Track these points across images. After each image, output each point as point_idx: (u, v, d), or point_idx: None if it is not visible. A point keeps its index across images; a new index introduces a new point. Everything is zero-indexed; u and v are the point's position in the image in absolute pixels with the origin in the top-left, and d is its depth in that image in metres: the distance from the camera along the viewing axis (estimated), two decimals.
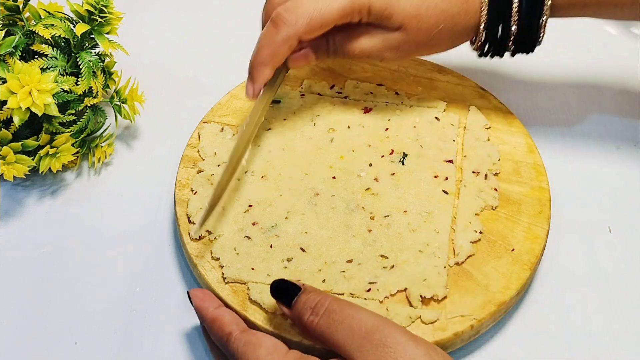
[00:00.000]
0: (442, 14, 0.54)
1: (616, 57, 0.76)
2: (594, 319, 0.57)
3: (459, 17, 0.55)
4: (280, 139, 0.64)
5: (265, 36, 0.55)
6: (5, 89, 0.56)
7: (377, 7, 0.53)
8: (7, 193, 0.65)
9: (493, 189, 0.59)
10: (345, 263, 0.55)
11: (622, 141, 0.68)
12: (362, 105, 0.66)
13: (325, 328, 0.44)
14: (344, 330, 0.44)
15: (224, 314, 0.50)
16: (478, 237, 0.57)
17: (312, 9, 0.53)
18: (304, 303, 0.46)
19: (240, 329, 0.48)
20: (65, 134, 0.61)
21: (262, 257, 0.56)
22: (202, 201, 0.59)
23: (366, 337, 0.43)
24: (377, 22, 0.55)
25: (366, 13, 0.54)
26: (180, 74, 0.75)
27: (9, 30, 0.63)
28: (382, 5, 0.53)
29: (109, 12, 0.63)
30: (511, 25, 0.55)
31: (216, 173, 0.61)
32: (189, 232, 0.57)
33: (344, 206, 0.59)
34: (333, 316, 0.45)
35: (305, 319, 0.45)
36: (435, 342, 0.51)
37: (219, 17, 0.82)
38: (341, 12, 0.53)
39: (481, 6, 0.55)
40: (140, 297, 0.58)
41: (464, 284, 0.55)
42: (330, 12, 0.53)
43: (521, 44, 0.57)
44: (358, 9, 0.54)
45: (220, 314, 0.49)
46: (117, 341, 0.56)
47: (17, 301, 0.58)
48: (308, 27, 0.53)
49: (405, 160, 0.62)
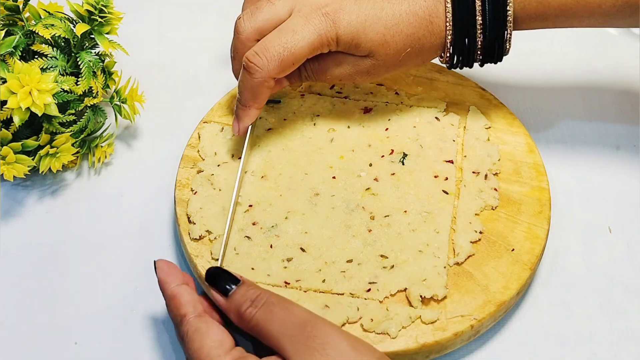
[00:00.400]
0: (408, 38, 0.56)
1: (616, 57, 0.76)
2: (594, 319, 0.57)
3: (424, 39, 0.57)
4: (280, 139, 0.64)
5: (242, 82, 0.57)
6: (5, 89, 0.56)
7: (344, 38, 0.55)
8: (7, 193, 0.65)
9: (493, 189, 0.59)
10: (345, 263, 0.55)
11: (622, 141, 0.68)
12: (362, 105, 0.66)
13: (262, 320, 0.46)
14: (279, 322, 0.45)
15: (184, 293, 0.49)
16: (478, 237, 0.57)
17: (282, 49, 0.54)
18: (243, 295, 0.47)
19: (196, 312, 0.48)
20: (65, 134, 0.61)
21: (262, 257, 0.56)
22: (202, 201, 0.59)
23: (299, 329, 0.45)
24: (346, 51, 0.57)
25: (334, 44, 0.56)
26: (180, 74, 0.75)
27: (9, 30, 0.63)
28: (350, 37, 0.55)
29: (109, 12, 0.63)
30: (477, 41, 0.57)
31: (216, 173, 0.61)
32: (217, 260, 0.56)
33: (344, 206, 0.59)
34: (271, 308, 0.46)
35: (244, 310, 0.47)
36: (435, 342, 0.52)
37: (219, 17, 0.82)
38: (310, 47, 0.55)
39: (446, 26, 0.56)
40: (140, 297, 0.58)
41: (464, 284, 0.55)
42: (300, 49, 0.55)
43: (489, 56, 0.59)
44: (326, 42, 0.55)
45: (180, 293, 0.49)
46: (117, 341, 0.56)
47: (17, 301, 0.58)
48: (280, 67, 0.55)
49: (405, 160, 0.62)
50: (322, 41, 0.55)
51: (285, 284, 0.54)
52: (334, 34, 0.55)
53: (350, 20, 0.55)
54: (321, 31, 0.55)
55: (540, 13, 0.56)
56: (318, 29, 0.55)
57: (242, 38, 0.57)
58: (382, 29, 0.55)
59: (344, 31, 0.55)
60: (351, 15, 0.55)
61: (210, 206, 0.59)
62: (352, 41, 0.55)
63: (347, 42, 0.55)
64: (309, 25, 0.55)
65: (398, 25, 0.55)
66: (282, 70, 0.55)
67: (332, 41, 0.55)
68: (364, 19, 0.55)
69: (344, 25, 0.55)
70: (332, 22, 0.55)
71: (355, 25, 0.55)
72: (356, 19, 0.55)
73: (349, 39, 0.55)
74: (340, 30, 0.55)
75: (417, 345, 0.51)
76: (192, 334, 0.46)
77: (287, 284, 0.54)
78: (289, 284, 0.54)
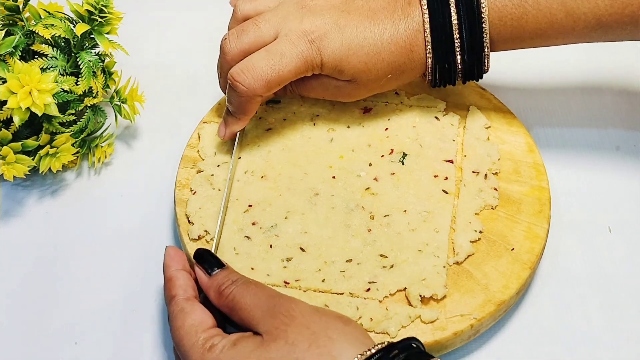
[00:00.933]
0: (390, 66, 0.59)
1: (616, 57, 0.76)
2: (594, 319, 0.57)
3: (405, 65, 0.59)
4: (280, 139, 0.64)
5: (230, 97, 0.59)
6: (5, 89, 0.56)
7: (328, 65, 0.58)
8: (7, 193, 0.65)
9: (493, 189, 0.59)
10: (345, 263, 0.55)
11: (622, 141, 0.68)
12: (362, 105, 0.66)
13: (238, 294, 0.49)
14: (253, 294, 0.48)
15: (180, 276, 0.51)
16: (478, 236, 0.57)
17: (269, 70, 0.57)
18: (227, 276, 0.50)
19: (185, 295, 0.50)
20: (65, 134, 0.61)
21: (262, 257, 0.56)
22: (202, 201, 0.59)
23: (269, 298, 0.48)
24: (330, 75, 0.59)
25: (319, 69, 0.58)
26: (180, 74, 0.75)
27: (9, 30, 0.63)
28: (333, 63, 0.58)
29: (109, 12, 0.63)
30: (456, 64, 0.59)
31: (216, 173, 0.61)
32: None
33: (343, 206, 0.59)
34: (248, 285, 0.49)
35: (224, 287, 0.49)
36: (435, 342, 0.51)
37: (219, 17, 0.82)
38: (296, 70, 0.57)
39: (426, 53, 0.59)
40: (140, 297, 0.58)
41: (463, 283, 0.55)
42: (287, 72, 0.57)
43: (469, 75, 0.61)
44: (311, 67, 0.58)
45: (176, 276, 0.51)
46: (117, 341, 0.56)
47: (17, 301, 0.58)
48: (266, 87, 0.57)
49: (405, 160, 0.62)
50: (307, 66, 0.58)
51: (285, 283, 0.54)
52: (319, 60, 0.57)
53: (334, 48, 0.57)
54: (307, 57, 0.57)
55: (515, 37, 0.58)
56: (304, 54, 0.57)
57: (227, 58, 0.59)
58: (364, 57, 0.58)
59: (328, 58, 0.57)
60: (335, 43, 0.57)
61: (210, 206, 0.59)
62: (336, 68, 0.58)
63: (331, 68, 0.58)
64: (296, 49, 0.57)
65: (380, 54, 0.58)
66: (268, 89, 0.58)
67: (316, 66, 0.58)
68: (347, 48, 0.57)
69: (328, 53, 0.57)
70: (317, 49, 0.57)
71: (339, 54, 0.57)
72: (340, 47, 0.57)
73: (333, 65, 0.58)
74: (324, 57, 0.57)
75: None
76: (177, 313, 0.49)
77: (286, 284, 0.54)
78: (288, 283, 0.54)
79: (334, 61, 0.57)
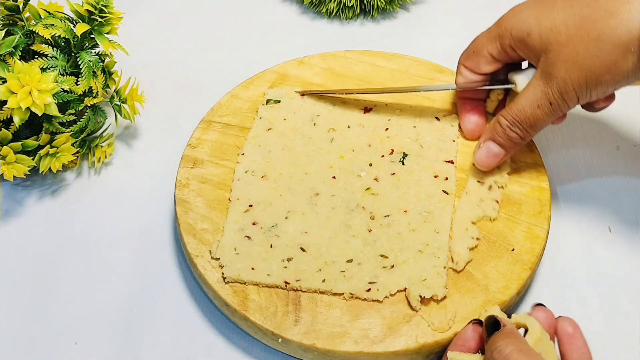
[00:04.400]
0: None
1: None
2: (594, 319, 0.57)
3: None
4: (280, 139, 0.64)
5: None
6: (5, 89, 0.56)
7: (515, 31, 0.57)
8: (7, 193, 0.65)
9: (494, 201, 0.59)
10: (345, 263, 0.55)
11: (622, 141, 0.68)
12: (362, 105, 0.66)
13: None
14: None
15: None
16: (475, 243, 0.56)
17: (471, 46, 0.60)
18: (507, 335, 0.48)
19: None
20: (65, 133, 0.61)
21: (262, 257, 0.56)
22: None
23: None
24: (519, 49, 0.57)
25: (509, 36, 0.57)
26: (180, 74, 0.75)
27: (9, 30, 0.63)
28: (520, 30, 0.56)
29: (109, 12, 0.63)
30: None
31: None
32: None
33: (344, 206, 0.59)
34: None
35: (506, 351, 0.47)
36: (435, 342, 0.52)
37: (218, 17, 0.82)
38: (488, 35, 0.59)
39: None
40: (140, 297, 0.58)
41: (464, 283, 0.55)
42: (479, 39, 0.59)
43: None
44: (501, 34, 0.57)
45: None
46: (117, 341, 0.56)
47: (17, 301, 0.58)
48: (466, 54, 0.60)
49: (405, 160, 0.62)
50: (499, 32, 0.58)
51: (285, 283, 0.54)
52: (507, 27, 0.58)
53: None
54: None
55: None
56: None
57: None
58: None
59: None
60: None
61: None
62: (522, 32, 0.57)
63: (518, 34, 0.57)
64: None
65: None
66: (466, 57, 0.61)
67: (506, 33, 0.58)
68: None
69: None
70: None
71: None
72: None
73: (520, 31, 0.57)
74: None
75: (417, 345, 0.51)
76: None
77: (287, 284, 0.54)
78: (289, 283, 0.54)
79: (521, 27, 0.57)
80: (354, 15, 0.81)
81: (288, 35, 0.80)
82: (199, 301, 0.58)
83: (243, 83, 0.69)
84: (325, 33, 0.80)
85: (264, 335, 0.53)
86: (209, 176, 0.61)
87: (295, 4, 0.83)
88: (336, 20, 0.81)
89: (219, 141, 0.64)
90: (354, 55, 0.71)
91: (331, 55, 0.71)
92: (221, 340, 0.56)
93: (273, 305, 0.53)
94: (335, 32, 0.80)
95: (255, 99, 0.67)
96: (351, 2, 0.79)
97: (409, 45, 0.77)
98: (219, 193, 0.60)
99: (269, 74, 0.69)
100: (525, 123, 0.57)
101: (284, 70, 0.70)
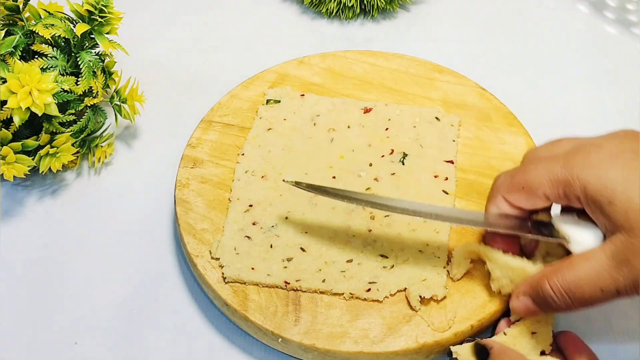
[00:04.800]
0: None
1: (616, 57, 0.76)
2: (594, 319, 0.57)
3: None
4: (280, 139, 0.64)
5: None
6: (5, 89, 0.56)
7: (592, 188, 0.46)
8: (7, 193, 0.65)
9: None
10: (345, 263, 0.55)
11: None
12: (362, 105, 0.66)
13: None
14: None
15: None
16: (471, 266, 0.55)
17: (521, 179, 0.50)
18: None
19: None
20: (65, 133, 0.61)
21: (262, 257, 0.56)
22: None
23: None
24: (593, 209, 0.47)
25: (579, 190, 0.47)
26: (180, 74, 0.75)
27: (9, 30, 0.63)
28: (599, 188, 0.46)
29: (109, 12, 0.63)
30: None
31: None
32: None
33: (344, 206, 0.59)
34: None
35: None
36: (435, 342, 0.52)
37: (218, 17, 0.82)
38: (550, 176, 0.48)
39: None
40: (140, 297, 0.58)
41: (464, 283, 0.54)
42: (536, 176, 0.49)
43: None
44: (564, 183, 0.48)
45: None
46: (117, 341, 0.56)
47: (17, 301, 0.58)
48: (511, 186, 0.51)
49: (405, 160, 0.62)
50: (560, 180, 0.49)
51: (285, 283, 0.54)
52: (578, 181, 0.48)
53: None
54: None
55: None
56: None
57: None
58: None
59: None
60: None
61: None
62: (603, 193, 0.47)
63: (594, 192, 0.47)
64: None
65: None
66: (509, 190, 0.51)
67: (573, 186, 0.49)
68: None
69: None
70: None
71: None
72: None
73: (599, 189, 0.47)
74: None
75: (417, 345, 0.51)
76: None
77: (287, 284, 0.54)
78: (289, 283, 0.54)
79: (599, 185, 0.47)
80: (354, 15, 0.81)
81: (288, 35, 0.80)
82: (199, 301, 0.58)
83: (243, 83, 0.69)
84: (325, 33, 0.80)
85: (264, 335, 0.53)
86: (209, 176, 0.61)
87: (295, 4, 0.83)
88: (336, 20, 0.81)
89: (219, 141, 0.64)
90: (354, 55, 0.71)
91: (331, 55, 0.71)
92: (221, 340, 0.56)
93: (273, 305, 0.53)
94: (335, 32, 0.80)
95: (255, 99, 0.67)
96: (351, 2, 0.79)
97: (409, 45, 0.77)
98: (219, 193, 0.60)
99: (269, 73, 0.70)
100: (578, 302, 0.47)
101: (284, 70, 0.70)
